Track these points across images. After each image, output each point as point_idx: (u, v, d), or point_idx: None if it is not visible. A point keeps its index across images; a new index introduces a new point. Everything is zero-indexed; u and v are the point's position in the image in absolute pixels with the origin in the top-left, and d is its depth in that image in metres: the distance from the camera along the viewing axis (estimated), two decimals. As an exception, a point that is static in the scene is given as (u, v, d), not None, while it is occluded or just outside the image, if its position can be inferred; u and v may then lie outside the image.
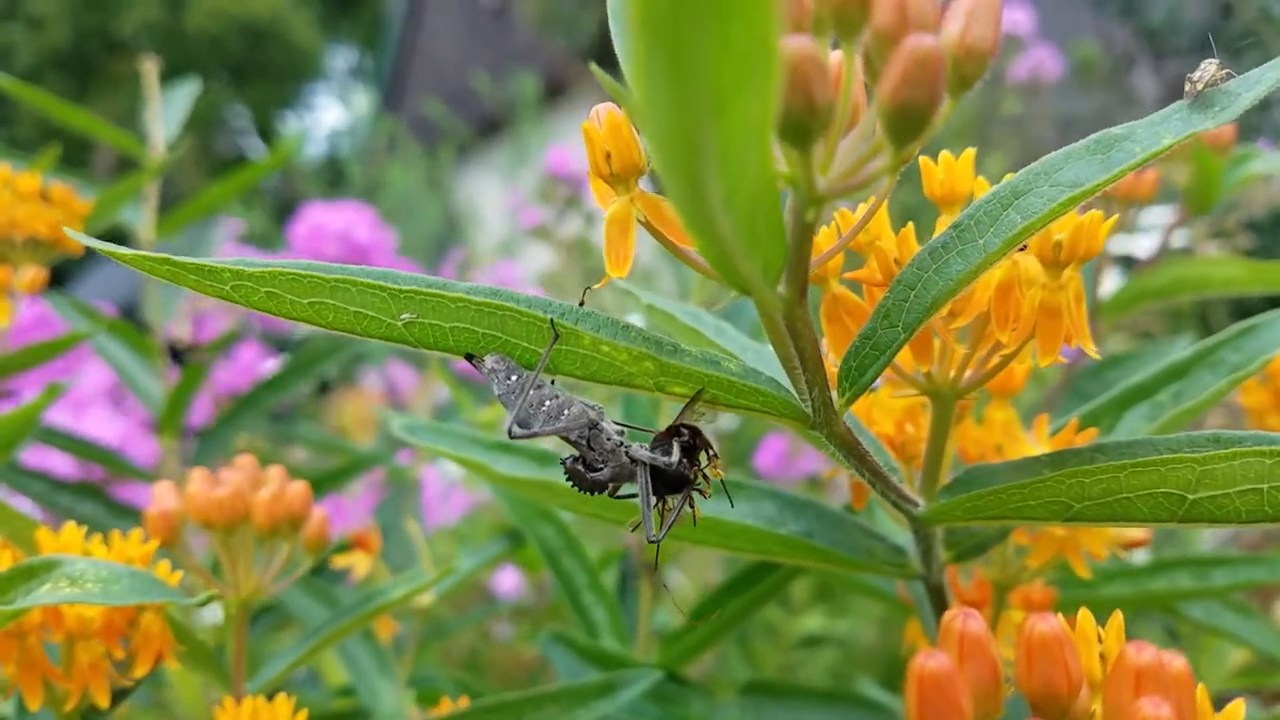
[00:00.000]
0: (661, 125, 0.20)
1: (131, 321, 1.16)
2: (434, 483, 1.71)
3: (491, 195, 4.43)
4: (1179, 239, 1.46)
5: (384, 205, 3.92)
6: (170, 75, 1.21)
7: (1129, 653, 0.36)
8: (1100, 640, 0.39)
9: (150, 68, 1.08)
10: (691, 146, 0.20)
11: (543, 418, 0.39)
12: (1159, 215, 1.20)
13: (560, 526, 0.98)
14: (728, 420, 1.87)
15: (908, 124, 0.27)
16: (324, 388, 2.54)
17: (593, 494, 0.41)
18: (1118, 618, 0.39)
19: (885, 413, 0.57)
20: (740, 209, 0.24)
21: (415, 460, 1.39)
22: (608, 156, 0.37)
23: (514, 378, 0.38)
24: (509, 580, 1.70)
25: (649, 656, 0.96)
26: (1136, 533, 0.69)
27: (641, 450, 0.40)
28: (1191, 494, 0.39)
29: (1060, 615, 0.38)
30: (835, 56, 0.33)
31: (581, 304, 0.40)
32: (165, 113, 1.09)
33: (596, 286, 0.41)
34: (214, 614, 1.04)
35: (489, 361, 0.39)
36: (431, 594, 0.96)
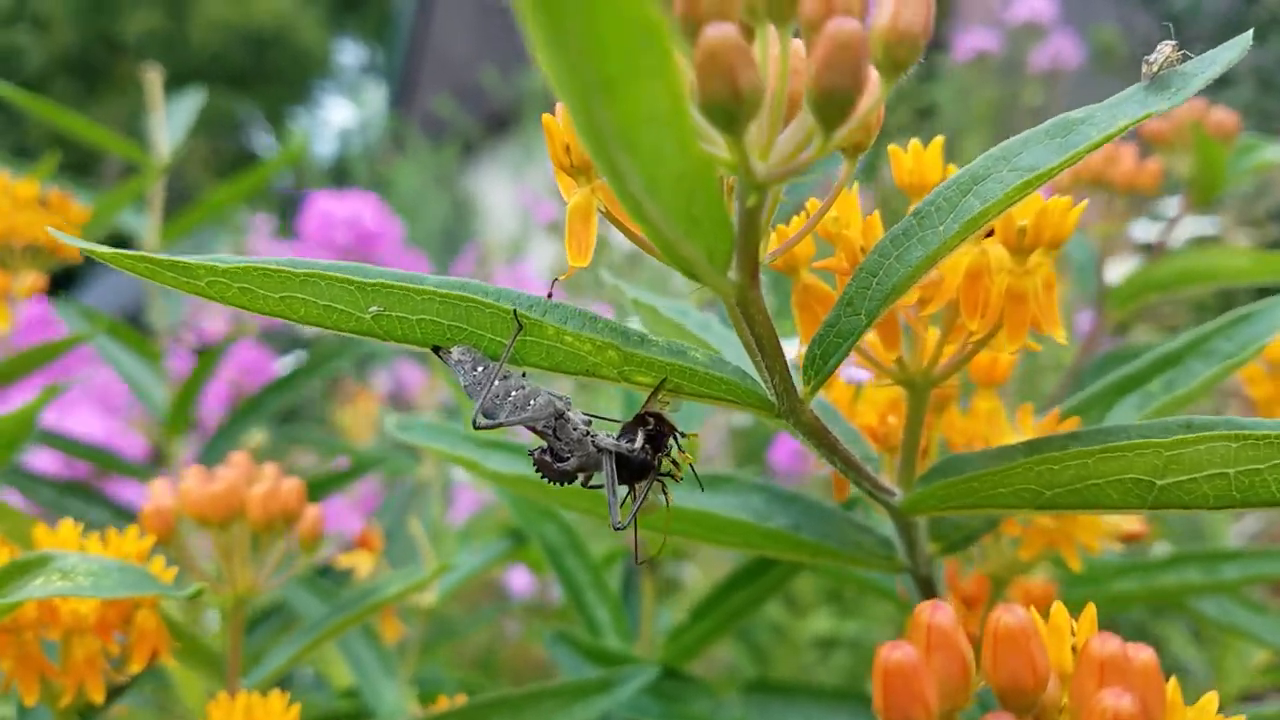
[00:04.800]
0: (567, 108, 0.20)
1: (137, 327, 1.17)
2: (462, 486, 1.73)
3: (501, 191, 4.45)
4: (1208, 227, 1.45)
5: (391, 202, 3.93)
6: (173, 83, 1.23)
7: (1093, 645, 0.36)
8: (1074, 633, 0.39)
9: (154, 76, 1.10)
10: (596, 130, 0.20)
11: (509, 408, 0.40)
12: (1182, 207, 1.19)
13: (563, 525, 0.98)
14: (741, 418, 1.87)
15: (832, 109, 0.27)
16: (337, 391, 2.56)
17: (561, 484, 0.42)
18: (1090, 610, 0.39)
19: (869, 404, 0.57)
20: (667, 194, 0.24)
21: (422, 461, 1.40)
22: (567, 149, 0.37)
23: (480, 369, 0.39)
24: (522, 578, 1.71)
25: (652, 655, 0.96)
26: (1130, 525, 0.68)
27: (607, 439, 0.41)
28: (1160, 479, 0.39)
29: (1062, 608, 0.38)
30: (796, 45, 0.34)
31: (549, 296, 0.40)
32: (170, 120, 1.10)
33: (563, 277, 0.42)
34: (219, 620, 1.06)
35: (455, 353, 0.39)
36: (434, 593, 0.97)
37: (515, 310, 0.38)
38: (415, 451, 1.46)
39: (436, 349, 0.39)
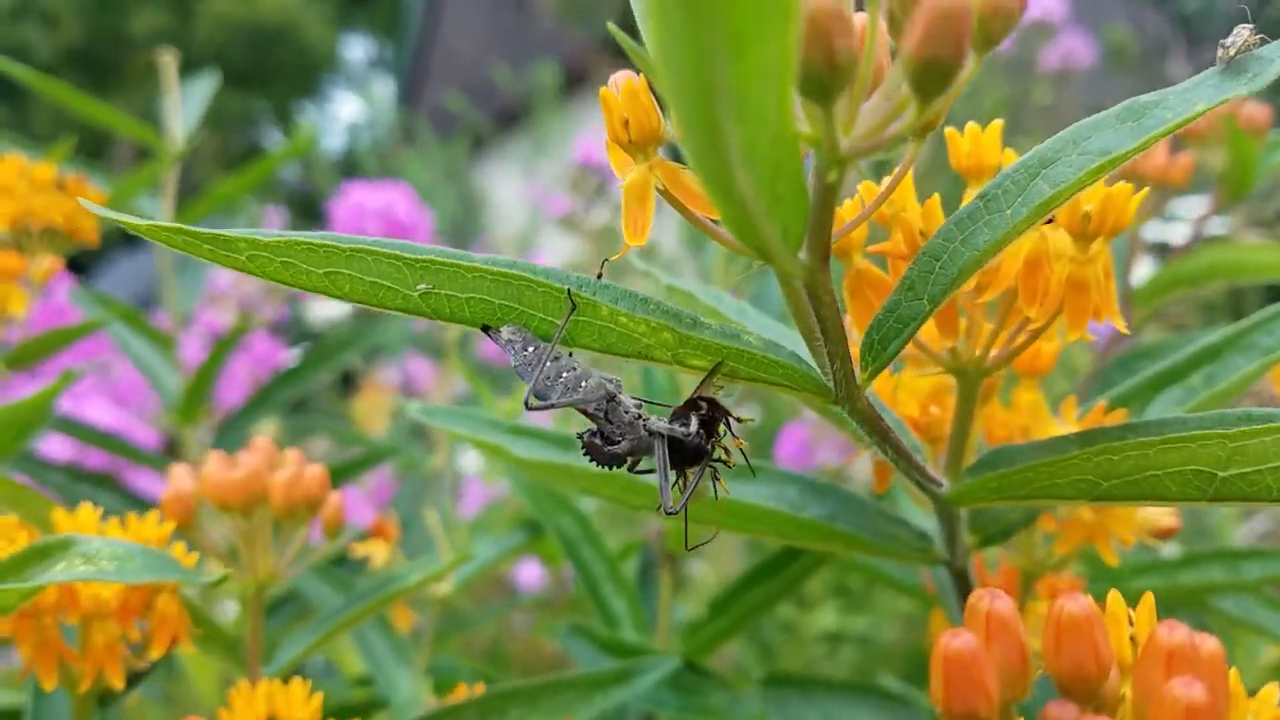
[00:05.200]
0: (678, 63, 0.19)
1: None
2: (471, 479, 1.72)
3: (510, 186, 4.43)
4: (1218, 227, 1.44)
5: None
6: (179, 80, 1.21)
7: (1160, 633, 0.35)
8: (1131, 623, 0.38)
9: (168, 60, 1.09)
10: (707, 87, 0.19)
11: (560, 389, 0.39)
12: (1196, 205, 1.18)
13: (579, 517, 0.97)
14: (747, 413, 1.86)
15: (932, 80, 0.26)
16: (346, 383, 2.55)
17: (610, 468, 0.41)
18: (1149, 599, 0.38)
19: (910, 393, 0.56)
20: (761, 163, 0.23)
21: (433, 452, 1.39)
22: (626, 123, 0.36)
23: (531, 349, 0.38)
24: (531, 572, 1.71)
25: (669, 647, 0.95)
26: (1166, 520, 0.67)
27: (659, 422, 0.40)
28: (1223, 471, 0.38)
29: (1119, 596, 0.37)
30: (861, 17, 0.33)
31: (599, 276, 0.39)
32: (184, 106, 1.09)
33: (614, 257, 0.41)
34: (235, 608, 1.05)
35: (505, 332, 0.38)
36: (450, 583, 0.96)
37: (569, 290, 0.37)
38: (427, 443, 1.45)
39: (486, 328, 0.38)
